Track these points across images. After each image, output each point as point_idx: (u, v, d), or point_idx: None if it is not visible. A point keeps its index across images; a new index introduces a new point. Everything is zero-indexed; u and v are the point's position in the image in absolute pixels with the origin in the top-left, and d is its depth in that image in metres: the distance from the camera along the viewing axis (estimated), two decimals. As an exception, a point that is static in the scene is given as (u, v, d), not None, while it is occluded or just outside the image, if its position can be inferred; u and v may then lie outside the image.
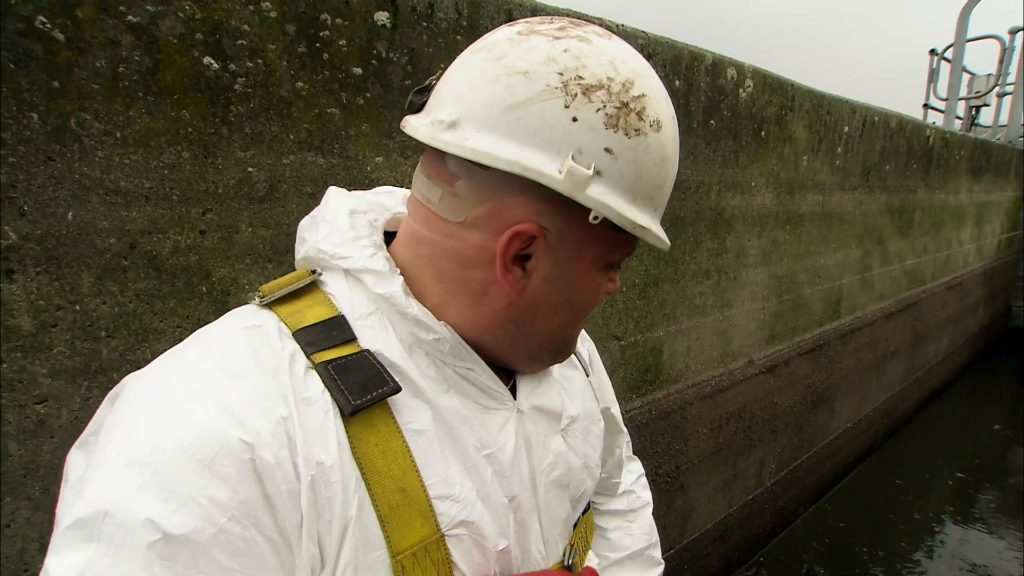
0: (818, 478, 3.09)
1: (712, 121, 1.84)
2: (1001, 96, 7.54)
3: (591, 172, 0.40)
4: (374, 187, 1.12)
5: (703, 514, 2.23)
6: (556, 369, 0.60)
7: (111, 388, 0.43)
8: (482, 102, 0.41)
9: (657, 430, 1.89)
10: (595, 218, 0.42)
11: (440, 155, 0.44)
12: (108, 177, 0.81)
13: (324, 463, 0.40)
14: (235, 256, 0.94)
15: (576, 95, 0.40)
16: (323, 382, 0.42)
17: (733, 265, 2.12)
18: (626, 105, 0.41)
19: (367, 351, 0.44)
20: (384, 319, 0.46)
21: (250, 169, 0.93)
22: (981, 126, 7.90)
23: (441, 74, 0.46)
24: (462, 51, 0.46)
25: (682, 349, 1.97)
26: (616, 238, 0.46)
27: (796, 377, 2.64)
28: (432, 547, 0.43)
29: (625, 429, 0.79)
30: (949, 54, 6.94)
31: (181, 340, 0.46)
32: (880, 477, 3.47)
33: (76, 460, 0.41)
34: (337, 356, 0.43)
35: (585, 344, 0.71)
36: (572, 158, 0.40)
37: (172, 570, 0.34)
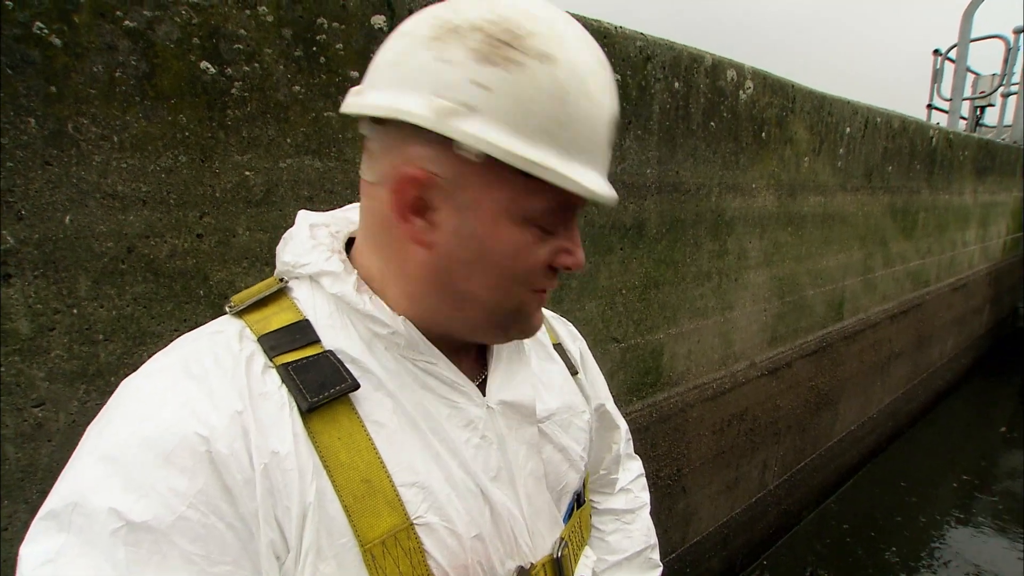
0: (822, 481, 3.07)
1: (712, 123, 1.83)
2: (1006, 96, 7.51)
3: (455, 105, 0.40)
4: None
5: (705, 517, 2.22)
6: (534, 362, 0.61)
7: (109, 391, 0.45)
8: (376, 66, 0.45)
9: (658, 433, 1.88)
10: (478, 157, 0.41)
11: (363, 126, 0.48)
12: (105, 181, 0.81)
13: (279, 452, 0.42)
14: (232, 260, 0.95)
15: (444, 40, 0.41)
16: (282, 380, 0.44)
17: (734, 267, 2.11)
18: (503, 43, 0.41)
19: (329, 351, 0.46)
20: (344, 318, 0.49)
21: (247, 173, 0.94)
22: (986, 126, 7.87)
23: None
24: None
25: (683, 351, 1.96)
26: (525, 184, 0.43)
27: (799, 379, 2.63)
28: (402, 535, 0.44)
29: (624, 424, 0.79)
30: (953, 54, 6.91)
31: (176, 344, 0.47)
32: (885, 480, 3.45)
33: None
34: (298, 358, 0.45)
35: (576, 343, 0.72)
36: (440, 96, 0.41)
37: (136, 556, 0.37)
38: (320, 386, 0.44)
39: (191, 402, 0.41)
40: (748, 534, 2.51)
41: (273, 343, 0.46)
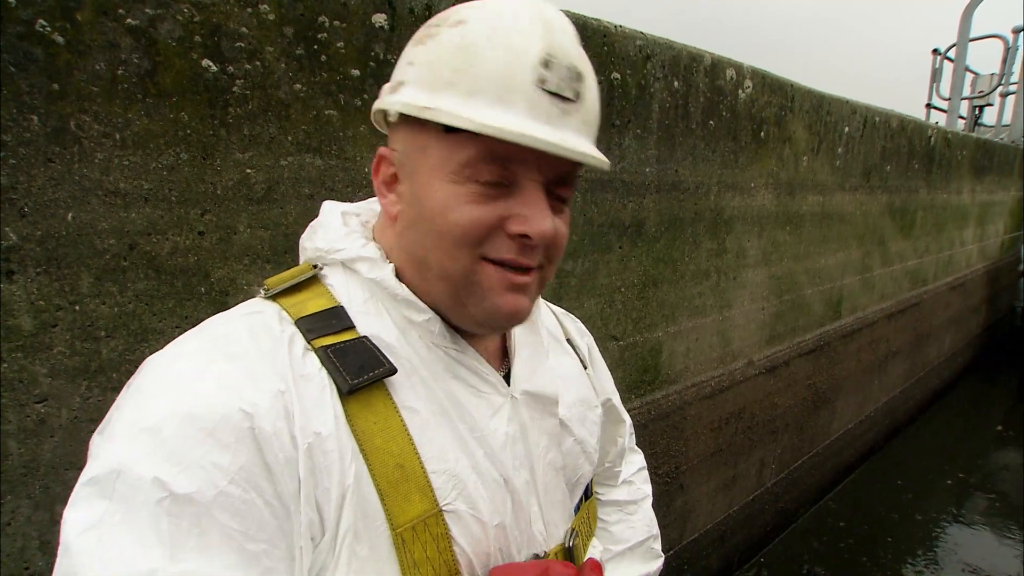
0: (819, 479, 3.08)
1: (711, 122, 1.84)
2: (1004, 96, 7.52)
3: (394, 84, 0.48)
4: (372, 188, 1.13)
5: (703, 515, 2.23)
6: (552, 356, 0.62)
7: (111, 387, 0.45)
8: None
9: (656, 430, 1.89)
10: (393, 116, 0.47)
11: None
12: (107, 179, 0.81)
13: (321, 433, 0.42)
14: (233, 257, 0.95)
15: (411, 42, 0.49)
16: (321, 362, 0.45)
17: (733, 266, 2.12)
18: (432, 24, 0.47)
19: (365, 337, 0.47)
20: (379, 304, 0.50)
21: (248, 170, 0.94)
22: (984, 126, 7.88)
23: None
24: None
25: (681, 350, 1.97)
26: (450, 140, 0.45)
27: (797, 378, 2.64)
28: (431, 521, 0.45)
29: (628, 419, 0.81)
30: (952, 53, 6.92)
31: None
32: (881, 478, 3.46)
33: (96, 442, 0.43)
34: (336, 342, 0.46)
35: (584, 338, 0.73)
36: (390, 84, 0.48)
37: (177, 527, 0.37)
38: (359, 369, 0.45)
39: (234, 379, 0.41)
40: (745, 532, 2.53)
41: (310, 326, 0.46)
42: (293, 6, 0.93)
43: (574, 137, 0.45)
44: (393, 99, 0.47)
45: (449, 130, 0.44)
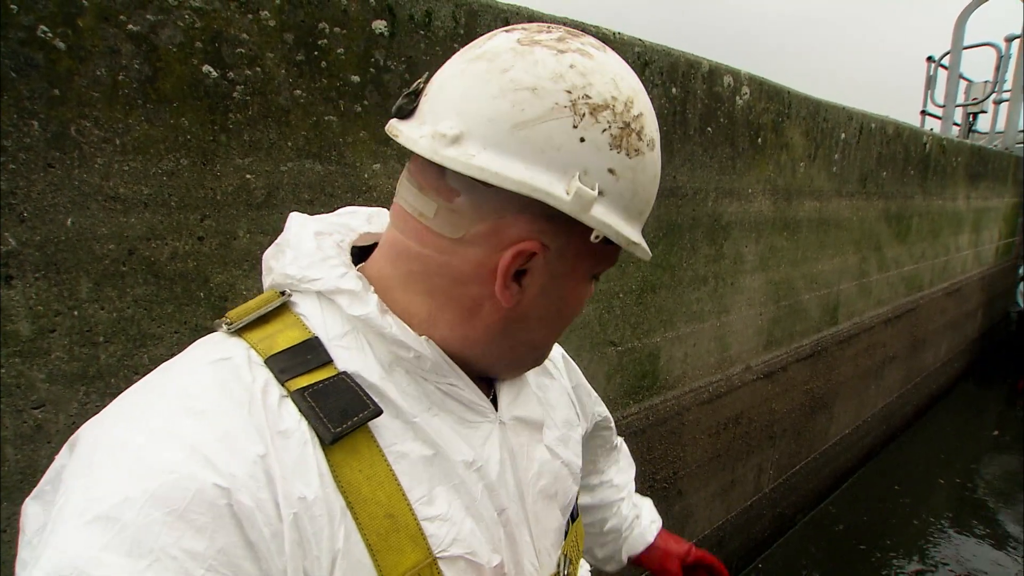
0: (817, 484, 3.08)
1: (709, 128, 1.85)
2: (998, 103, 7.58)
3: (596, 193, 0.40)
4: (372, 193, 1.13)
5: (701, 520, 2.23)
6: (531, 378, 0.60)
7: (109, 393, 0.43)
8: (487, 118, 0.40)
9: (654, 436, 1.89)
10: (596, 237, 0.42)
11: (437, 168, 0.42)
12: (107, 184, 0.81)
13: (306, 497, 0.38)
14: (233, 262, 0.95)
15: (584, 115, 0.40)
16: (299, 410, 0.40)
17: (730, 271, 2.12)
18: (628, 125, 0.42)
19: (344, 373, 0.43)
20: (360, 338, 0.45)
21: (248, 176, 0.94)
22: (978, 132, 7.94)
23: (429, 77, 0.45)
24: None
25: (679, 355, 1.97)
26: (607, 252, 0.47)
27: (794, 383, 2.65)
28: (425, 572, 0.42)
29: (605, 410, 0.83)
30: (946, 61, 6.97)
31: (179, 346, 0.45)
32: (879, 482, 3.47)
33: (33, 512, 0.38)
34: (314, 381, 0.41)
35: (555, 348, 0.71)
36: (579, 179, 0.40)
37: None
38: (342, 414, 0.40)
39: (202, 446, 0.35)
40: (743, 537, 2.52)
41: (283, 365, 0.41)
42: (293, 12, 0.94)
43: None
44: (597, 217, 0.41)
45: (607, 242, 0.44)
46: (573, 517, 0.64)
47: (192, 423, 0.36)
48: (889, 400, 3.79)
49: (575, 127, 0.40)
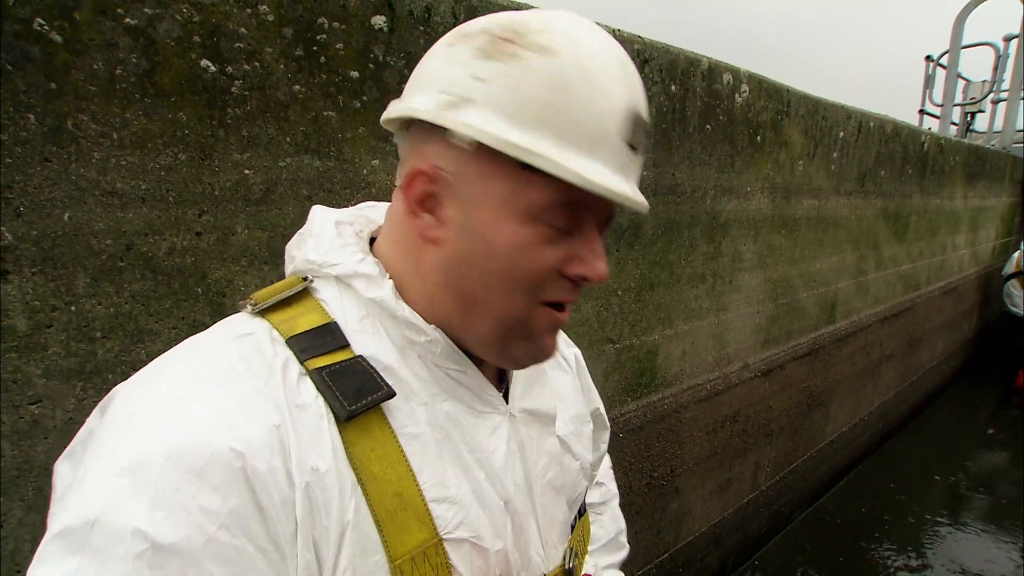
0: (813, 481, 3.09)
1: (708, 126, 1.85)
2: (996, 102, 7.60)
3: (455, 98, 0.42)
4: (371, 189, 1.13)
5: (698, 517, 2.23)
6: (549, 372, 0.61)
7: (106, 389, 0.43)
8: (414, 74, 0.47)
9: (652, 433, 1.89)
10: (468, 144, 0.41)
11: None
12: (105, 178, 0.81)
13: (319, 469, 0.40)
14: (231, 258, 0.95)
15: (454, 45, 0.44)
16: (316, 388, 0.42)
17: (728, 269, 2.13)
18: (504, 40, 0.42)
19: (360, 357, 0.45)
20: (376, 323, 0.47)
21: (247, 171, 0.94)
22: (976, 132, 7.96)
23: None
24: None
25: (677, 353, 1.97)
26: (524, 176, 0.42)
27: (791, 381, 2.65)
28: (431, 551, 0.43)
29: (608, 424, 0.80)
30: (945, 60, 6.98)
31: (176, 342, 0.46)
32: (875, 480, 3.48)
33: (63, 471, 0.40)
34: (331, 362, 0.43)
35: (571, 348, 0.72)
36: (444, 92, 0.43)
37: None
38: (357, 393, 0.42)
39: (224, 412, 0.38)
40: (740, 534, 2.53)
41: (303, 345, 0.43)
42: (293, 7, 0.93)
43: (635, 186, 0.46)
44: (460, 119, 0.41)
45: (525, 167, 0.41)
46: (581, 512, 0.64)
47: (215, 390, 0.39)
48: (885, 398, 3.81)
49: (445, 56, 0.44)
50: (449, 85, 0.42)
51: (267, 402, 0.40)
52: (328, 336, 0.45)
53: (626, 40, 1.51)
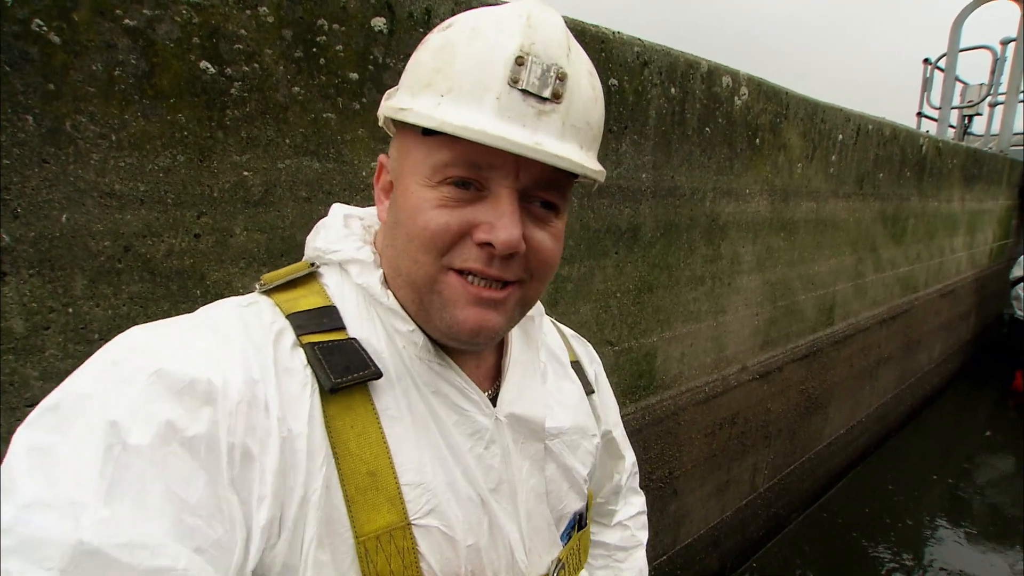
0: (811, 483, 3.10)
1: (707, 128, 1.85)
2: (993, 106, 7.62)
3: (392, 90, 0.49)
4: (369, 191, 1.13)
5: (697, 519, 2.23)
6: (550, 379, 0.60)
7: None
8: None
9: (650, 435, 1.89)
10: (382, 122, 0.50)
11: None
12: (103, 180, 0.81)
13: (292, 430, 0.42)
14: (230, 260, 0.94)
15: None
16: (307, 360, 0.44)
17: (727, 271, 2.13)
18: (432, 32, 0.48)
19: (353, 339, 0.47)
20: (371, 310, 0.49)
21: (245, 173, 0.93)
22: (974, 135, 7.98)
23: None
24: None
25: (676, 355, 1.97)
26: (428, 143, 0.44)
27: (790, 383, 2.65)
28: (398, 534, 0.44)
29: (631, 456, 0.76)
30: (943, 63, 7.01)
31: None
32: (873, 482, 3.49)
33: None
34: (325, 340, 0.46)
35: (593, 364, 0.71)
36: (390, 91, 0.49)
37: (121, 476, 0.36)
38: (344, 369, 0.44)
39: (213, 354, 0.41)
40: (739, 536, 2.53)
41: (301, 322, 0.46)
42: (292, 9, 0.93)
43: (553, 141, 0.43)
44: (384, 104, 0.48)
45: (427, 133, 0.43)
46: (581, 525, 0.62)
47: (210, 338, 0.42)
48: (883, 400, 3.81)
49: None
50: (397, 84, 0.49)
51: (253, 359, 0.42)
52: (326, 317, 0.47)
53: (626, 43, 1.51)
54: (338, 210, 0.55)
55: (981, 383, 5.42)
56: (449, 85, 0.42)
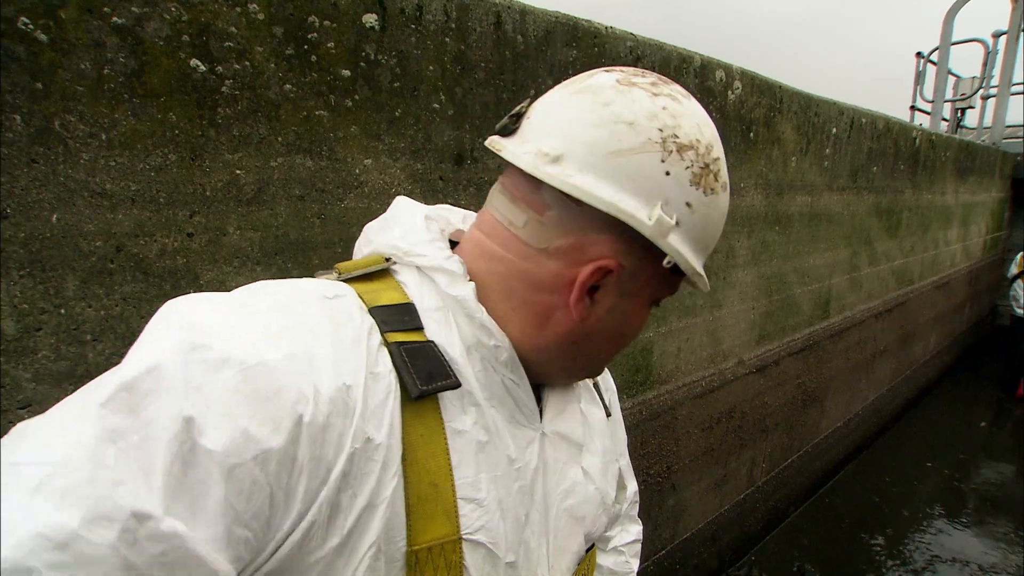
0: (809, 477, 3.11)
1: (701, 123, 1.85)
2: (985, 99, 7.64)
3: (673, 222, 0.45)
4: (363, 188, 1.12)
5: (695, 514, 2.24)
6: (584, 401, 0.61)
7: None
8: (587, 143, 0.45)
9: (648, 430, 1.89)
10: (668, 263, 0.47)
11: (533, 183, 0.47)
12: (93, 179, 0.80)
13: (372, 440, 0.41)
14: (223, 259, 0.94)
15: (672, 152, 0.45)
16: (393, 362, 0.44)
17: (723, 265, 2.13)
18: (708, 167, 0.47)
19: (433, 342, 0.46)
20: (450, 316, 0.48)
21: (238, 171, 0.93)
22: (966, 128, 8.01)
23: (531, 102, 0.50)
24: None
25: (672, 349, 1.98)
26: (672, 280, 0.51)
27: (786, 377, 2.66)
28: (448, 547, 0.44)
29: (633, 485, 0.77)
30: (935, 57, 7.03)
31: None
32: (870, 475, 3.51)
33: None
34: (408, 340, 0.45)
35: (608, 393, 0.71)
36: (660, 208, 0.45)
37: (185, 476, 0.34)
38: (428, 376, 0.44)
39: (308, 356, 0.39)
40: (737, 530, 2.54)
41: (384, 318, 0.45)
42: (283, 6, 0.92)
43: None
44: (672, 245, 0.46)
45: (674, 271, 0.48)
46: (588, 547, 0.63)
47: (305, 334, 0.40)
48: (880, 393, 3.83)
49: (663, 161, 0.45)
50: (667, 203, 0.45)
51: (349, 362, 0.41)
52: (407, 315, 0.47)
53: (619, 38, 1.51)
54: (413, 207, 0.54)
55: (976, 375, 5.45)
56: (707, 246, 0.51)
